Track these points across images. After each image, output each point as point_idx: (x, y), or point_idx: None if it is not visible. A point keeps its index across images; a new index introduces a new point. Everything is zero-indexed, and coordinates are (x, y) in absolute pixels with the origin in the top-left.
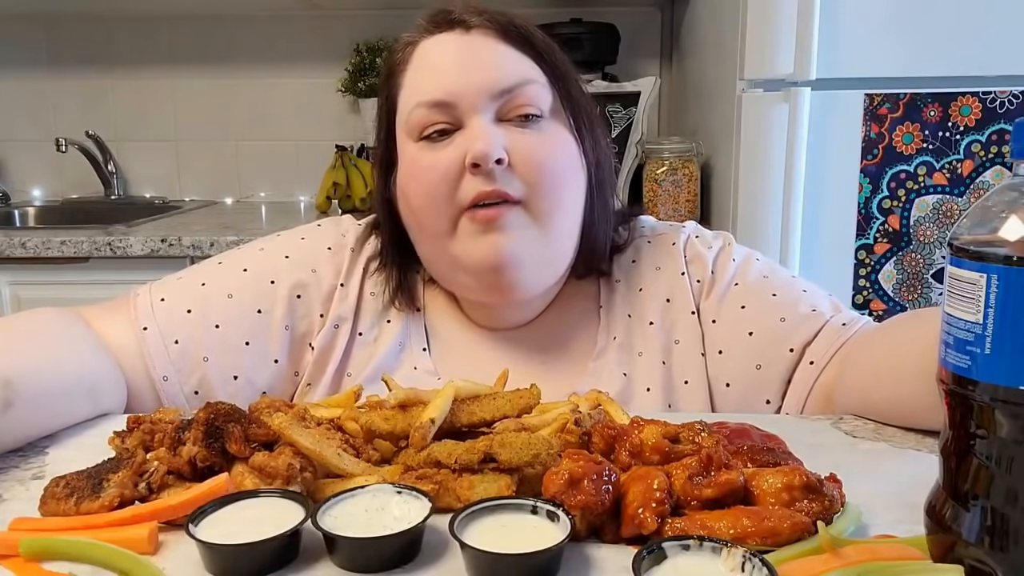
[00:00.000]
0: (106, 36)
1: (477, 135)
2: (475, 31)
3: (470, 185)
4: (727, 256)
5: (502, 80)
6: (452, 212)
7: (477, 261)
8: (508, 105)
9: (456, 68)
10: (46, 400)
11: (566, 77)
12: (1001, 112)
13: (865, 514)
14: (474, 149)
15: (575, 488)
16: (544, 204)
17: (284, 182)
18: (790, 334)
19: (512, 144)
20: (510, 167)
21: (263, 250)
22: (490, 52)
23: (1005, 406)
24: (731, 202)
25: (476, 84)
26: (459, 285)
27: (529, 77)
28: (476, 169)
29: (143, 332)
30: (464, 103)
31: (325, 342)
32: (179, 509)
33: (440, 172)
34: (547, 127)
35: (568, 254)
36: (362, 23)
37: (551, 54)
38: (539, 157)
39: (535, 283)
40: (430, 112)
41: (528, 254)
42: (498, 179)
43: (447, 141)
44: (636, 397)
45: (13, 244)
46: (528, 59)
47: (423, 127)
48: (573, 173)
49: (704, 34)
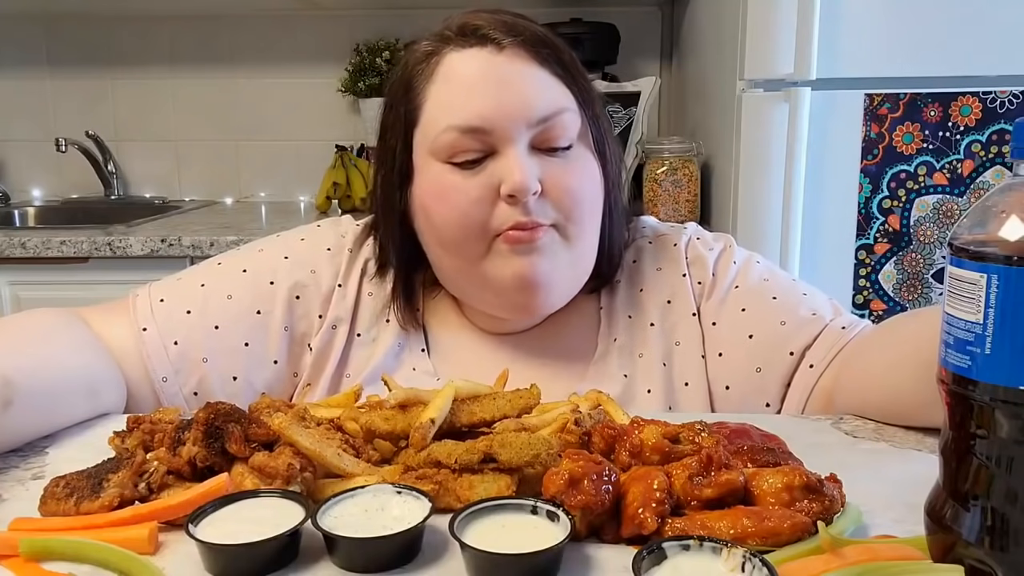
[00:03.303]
0: (106, 36)
1: (514, 167)
2: (508, 51)
3: (505, 214)
4: (728, 258)
5: (539, 109)
6: (486, 237)
7: (509, 281)
8: (543, 135)
9: (490, 92)
10: (46, 399)
11: (592, 97)
12: (1001, 112)
13: (865, 514)
14: (511, 181)
15: (575, 488)
16: (575, 228)
17: (284, 182)
18: (790, 337)
19: (545, 173)
20: (543, 195)
21: (262, 251)
22: (525, 77)
23: (1005, 406)
24: (731, 202)
25: (512, 112)
26: (482, 301)
27: (563, 105)
28: (512, 200)
29: (143, 333)
30: (499, 130)
31: (323, 343)
32: (179, 509)
33: (472, 199)
34: (577, 154)
35: (589, 271)
36: (362, 23)
37: (578, 72)
38: (571, 186)
39: (559, 300)
40: (462, 137)
41: (558, 275)
42: (533, 209)
43: (479, 168)
44: (637, 398)
45: (13, 244)
46: (560, 83)
47: (454, 151)
48: (597, 196)
49: (704, 34)
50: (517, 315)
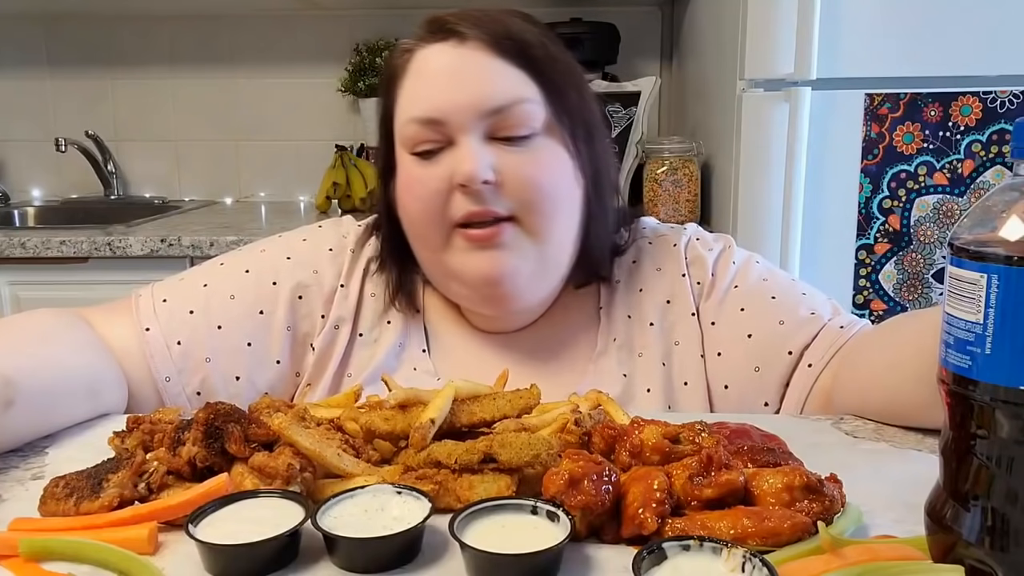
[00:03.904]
0: (106, 36)
1: (465, 156)
2: (469, 43)
3: (460, 204)
4: (727, 259)
5: (492, 99)
6: (445, 227)
7: (472, 275)
8: (498, 124)
9: (447, 84)
10: (47, 399)
11: (563, 89)
12: (1002, 112)
13: (865, 514)
14: (461, 170)
15: (575, 488)
16: (537, 220)
17: (284, 182)
18: (789, 337)
19: (501, 163)
20: (500, 186)
21: (265, 251)
22: (482, 68)
23: (1005, 406)
24: (731, 202)
25: (466, 102)
26: (454, 293)
27: (521, 96)
28: (464, 189)
29: (145, 333)
30: (453, 121)
31: (325, 343)
32: (179, 509)
33: (431, 189)
34: (540, 144)
35: (564, 266)
36: (362, 23)
37: (549, 65)
38: (530, 176)
39: (530, 296)
40: (421, 129)
41: (524, 268)
42: (487, 199)
43: (437, 158)
44: (636, 398)
45: (13, 244)
46: (522, 74)
47: (415, 143)
48: (568, 188)
49: (704, 34)
50: (490, 307)
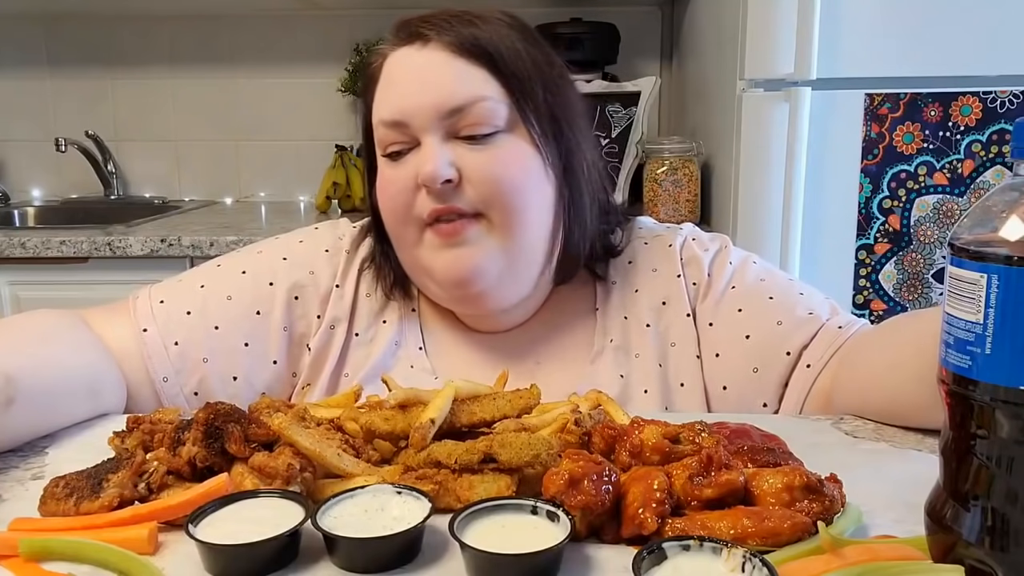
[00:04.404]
0: (106, 36)
1: (426, 156)
2: (431, 45)
3: (424, 202)
4: (724, 259)
5: (451, 99)
6: (416, 225)
7: (442, 273)
8: (458, 124)
9: (410, 87)
10: (47, 397)
11: (527, 86)
12: (1002, 112)
13: (865, 514)
14: (423, 171)
15: (575, 488)
16: (503, 217)
17: (284, 182)
18: (787, 338)
19: (463, 162)
20: (463, 184)
21: (261, 253)
22: (442, 69)
23: (1005, 406)
24: (731, 202)
25: (426, 104)
26: (433, 294)
27: (480, 94)
28: (427, 188)
29: (143, 334)
30: (415, 123)
31: (321, 343)
32: (179, 509)
33: (398, 188)
34: (503, 142)
35: (536, 264)
36: (362, 23)
37: (513, 63)
38: (492, 173)
39: (503, 294)
40: (388, 131)
41: (492, 266)
42: (450, 197)
43: (404, 159)
44: (634, 399)
45: (13, 244)
46: (483, 72)
47: (385, 145)
48: (535, 184)
49: (704, 34)
50: (465, 308)
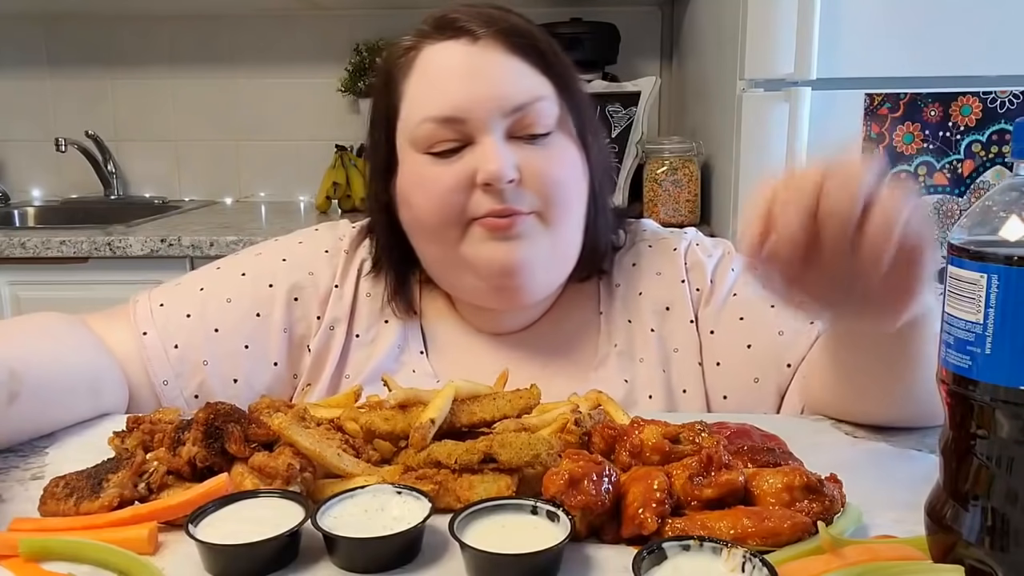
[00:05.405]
0: (106, 36)
1: (489, 155)
2: (482, 41)
3: (481, 201)
4: (727, 265)
5: (514, 97)
6: (463, 222)
7: (488, 265)
8: (519, 123)
9: (465, 83)
10: (50, 393)
11: (571, 85)
12: (1001, 112)
13: (865, 514)
14: (487, 169)
15: (575, 488)
16: (555, 213)
17: (284, 182)
18: (788, 348)
19: (523, 161)
20: (520, 183)
21: (260, 255)
22: (499, 66)
23: (1005, 406)
24: (731, 202)
25: (486, 101)
26: (465, 288)
27: (539, 94)
28: (488, 187)
29: (143, 337)
30: (474, 120)
31: (321, 344)
32: (179, 509)
33: (449, 186)
34: (555, 141)
35: (573, 258)
36: (362, 23)
37: (556, 60)
38: (550, 173)
39: (543, 287)
40: (439, 128)
41: (539, 260)
42: (509, 197)
43: (456, 157)
44: (639, 404)
45: (13, 244)
46: (537, 72)
47: (431, 142)
48: (577, 182)
49: (704, 34)
50: (501, 301)
